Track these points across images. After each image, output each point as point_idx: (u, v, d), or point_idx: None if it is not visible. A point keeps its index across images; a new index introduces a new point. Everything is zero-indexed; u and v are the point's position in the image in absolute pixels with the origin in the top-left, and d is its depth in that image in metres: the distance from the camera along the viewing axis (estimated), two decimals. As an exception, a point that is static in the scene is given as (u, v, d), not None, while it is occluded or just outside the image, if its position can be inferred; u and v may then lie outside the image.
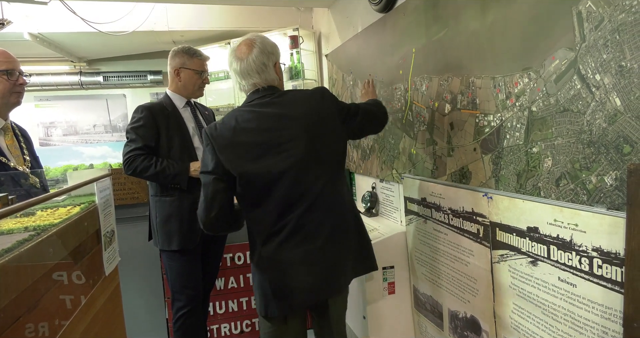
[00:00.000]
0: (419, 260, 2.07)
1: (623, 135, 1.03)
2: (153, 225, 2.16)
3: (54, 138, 5.22)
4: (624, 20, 1.00)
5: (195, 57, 2.17)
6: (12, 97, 1.67)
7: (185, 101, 2.20)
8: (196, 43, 4.27)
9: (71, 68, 5.03)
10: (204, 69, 2.21)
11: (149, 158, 2.02)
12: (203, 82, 2.23)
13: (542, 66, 1.25)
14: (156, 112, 2.09)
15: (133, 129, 2.06)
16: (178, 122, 2.14)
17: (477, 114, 1.55)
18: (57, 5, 2.90)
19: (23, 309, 0.83)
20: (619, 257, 1.03)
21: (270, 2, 3.35)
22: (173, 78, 2.18)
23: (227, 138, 1.50)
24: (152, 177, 2.04)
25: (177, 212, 2.09)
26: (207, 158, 1.51)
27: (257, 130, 1.49)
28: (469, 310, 1.71)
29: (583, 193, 1.15)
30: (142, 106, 2.12)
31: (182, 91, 2.19)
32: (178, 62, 2.16)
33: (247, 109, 1.53)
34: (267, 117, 1.50)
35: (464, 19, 1.58)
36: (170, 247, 2.09)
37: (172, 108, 2.15)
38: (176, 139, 2.11)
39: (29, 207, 0.89)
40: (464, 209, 1.67)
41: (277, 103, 1.51)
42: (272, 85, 1.55)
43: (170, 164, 2.03)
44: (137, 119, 2.07)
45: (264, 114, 1.50)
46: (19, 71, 1.68)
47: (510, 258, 1.43)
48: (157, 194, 2.13)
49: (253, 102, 1.53)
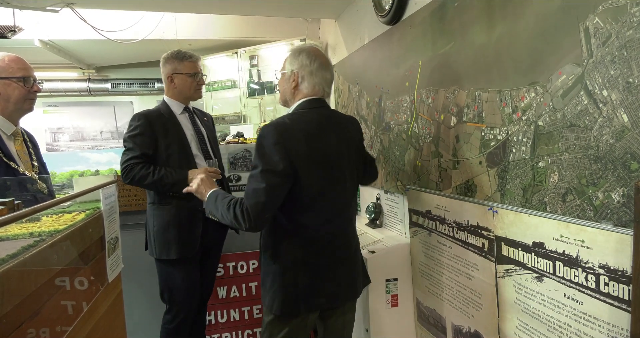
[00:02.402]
0: (423, 273, 2.06)
1: (630, 151, 1.02)
2: (150, 234, 2.12)
3: (61, 143, 5.26)
4: (632, 37, 1.00)
5: (186, 61, 2.14)
6: (25, 104, 1.70)
7: (183, 106, 2.18)
8: (204, 52, 4.32)
9: (80, 75, 5.09)
10: (197, 70, 2.18)
11: (147, 166, 1.99)
12: (199, 84, 2.20)
13: (549, 80, 1.25)
14: (153, 119, 2.06)
15: (130, 137, 2.03)
16: (176, 129, 2.11)
17: (483, 127, 1.55)
18: (67, 13, 2.94)
19: (26, 315, 0.83)
20: (626, 275, 1.02)
21: (278, 12, 3.38)
22: (168, 85, 2.16)
23: (302, 141, 1.47)
24: (150, 185, 2.01)
25: (175, 220, 2.06)
26: (275, 157, 1.43)
27: (329, 140, 1.55)
28: (472, 325, 1.69)
29: (589, 209, 1.14)
30: (139, 114, 2.09)
31: (179, 96, 2.17)
32: (170, 69, 2.14)
33: (315, 117, 1.55)
34: (333, 126, 1.59)
35: (470, 33, 1.59)
36: (169, 256, 2.05)
37: (169, 115, 2.12)
38: (174, 147, 2.08)
39: (34, 213, 0.90)
40: (468, 222, 1.66)
41: (334, 116, 1.64)
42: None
43: (168, 172, 2.01)
44: (134, 127, 2.04)
45: (330, 124, 1.58)
46: (34, 78, 1.70)
47: (516, 273, 1.41)
48: (154, 203, 2.10)
49: (317, 110, 1.58)
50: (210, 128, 2.34)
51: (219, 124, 4.15)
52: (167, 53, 2.17)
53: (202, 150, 2.18)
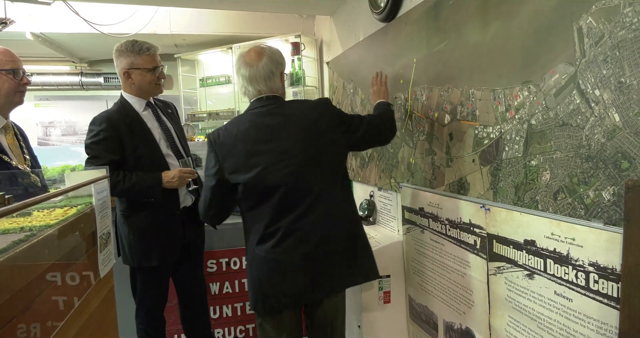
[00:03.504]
0: (415, 270, 2.07)
1: (621, 151, 1.03)
2: (124, 242, 1.98)
3: (53, 137, 5.21)
4: (624, 37, 1.01)
5: (144, 54, 1.92)
6: (16, 97, 1.67)
7: (144, 102, 2.00)
8: (198, 47, 4.31)
9: (72, 69, 5.03)
10: (156, 64, 1.97)
11: (115, 174, 1.83)
12: (159, 79, 2.00)
13: (542, 79, 1.26)
14: (116, 122, 1.88)
15: (93, 143, 1.86)
16: (142, 129, 1.94)
17: (477, 125, 1.56)
18: (60, 6, 2.91)
19: (16, 310, 0.83)
20: (615, 273, 1.03)
21: (273, 8, 3.37)
22: (125, 81, 1.96)
23: (229, 146, 1.57)
24: (122, 193, 1.88)
25: (153, 227, 1.94)
26: (210, 163, 1.60)
27: (257, 140, 1.55)
28: (464, 321, 1.71)
29: (580, 208, 1.15)
30: (99, 117, 1.91)
31: (138, 92, 1.98)
32: (126, 63, 1.93)
33: (248, 118, 1.59)
34: (267, 127, 1.56)
35: (465, 32, 1.60)
36: (150, 263, 1.95)
37: (133, 114, 1.95)
38: (142, 149, 1.92)
39: (25, 208, 0.89)
40: (461, 220, 1.67)
41: (278, 113, 1.57)
42: (275, 94, 1.61)
43: (140, 178, 1.86)
44: (96, 133, 1.86)
45: (264, 124, 1.56)
46: (23, 70, 1.68)
47: (507, 271, 1.42)
48: (126, 210, 1.95)
49: (255, 110, 1.59)
50: (177, 121, 2.17)
51: (213, 119, 4.14)
52: (120, 44, 1.93)
53: (172, 148, 2.03)
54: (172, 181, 1.93)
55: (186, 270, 2.18)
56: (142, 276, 2.03)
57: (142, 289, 2.05)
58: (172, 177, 1.93)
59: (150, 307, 2.08)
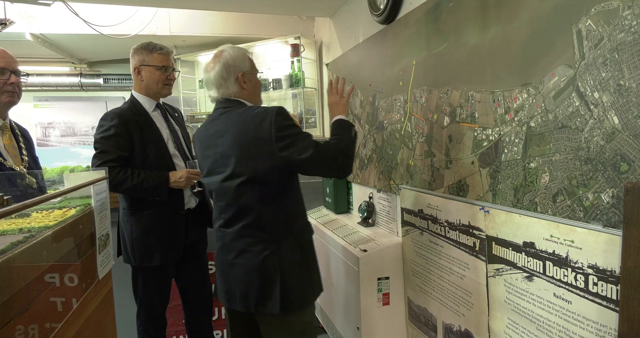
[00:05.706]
0: (414, 272, 2.07)
1: (620, 153, 1.03)
2: (126, 241, 1.99)
3: (52, 138, 5.20)
4: (623, 40, 1.01)
5: (155, 52, 1.98)
6: (2, 97, 1.64)
7: (154, 103, 2.05)
8: (198, 48, 4.31)
9: (71, 70, 5.03)
10: (166, 64, 2.01)
11: (124, 170, 1.85)
12: (168, 79, 2.03)
13: (541, 82, 1.26)
14: (128, 119, 1.93)
15: (103, 138, 1.88)
16: (152, 128, 1.98)
17: (476, 127, 1.56)
18: (59, 7, 2.91)
19: (15, 312, 0.83)
20: (615, 275, 1.03)
21: (272, 10, 3.37)
22: (135, 78, 2.02)
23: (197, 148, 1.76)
24: (128, 190, 1.88)
25: (157, 225, 1.95)
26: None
27: (204, 145, 1.65)
28: (463, 323, 1.71)
29: (580, 210, 1.15)
30: (111, 112, 1.95)
31: (147, 91, 2.02)
32: (137, 60, 1.99)
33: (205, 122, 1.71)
34: (209, 134, 1.63)
35: (464, 34, 1.60)
36: (151, 263, 1.95)
37: (143, 113, 1.99)
38: (151, 148, 1.95)
39: (24, 209, 0.89)
40: (460, 222, 1.67)
41: (220, 120, 1.60)
42: (229, 98, 1.62)
43: (148, 175, 1.88)
44: (107, 128, 1.89)
45: (206, 131, 1.65)
46: (12, 70, 1.65)
47: (506, 273, 1.42)
48: (130, 208, 1.96)
49: (210, 115, 1.68)
50: (182, 125, 2.23)
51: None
52: (137, 44, 2.02)
53: (179, 150, 2.07)
54: (180, 181, 1.96)
55: (191, 271, 2.19)
56: (143, 277, 2.04)
57: (143, 289, 2.06)
58: (179, 177, 1.96)
59: (151, 307, 2.08)
